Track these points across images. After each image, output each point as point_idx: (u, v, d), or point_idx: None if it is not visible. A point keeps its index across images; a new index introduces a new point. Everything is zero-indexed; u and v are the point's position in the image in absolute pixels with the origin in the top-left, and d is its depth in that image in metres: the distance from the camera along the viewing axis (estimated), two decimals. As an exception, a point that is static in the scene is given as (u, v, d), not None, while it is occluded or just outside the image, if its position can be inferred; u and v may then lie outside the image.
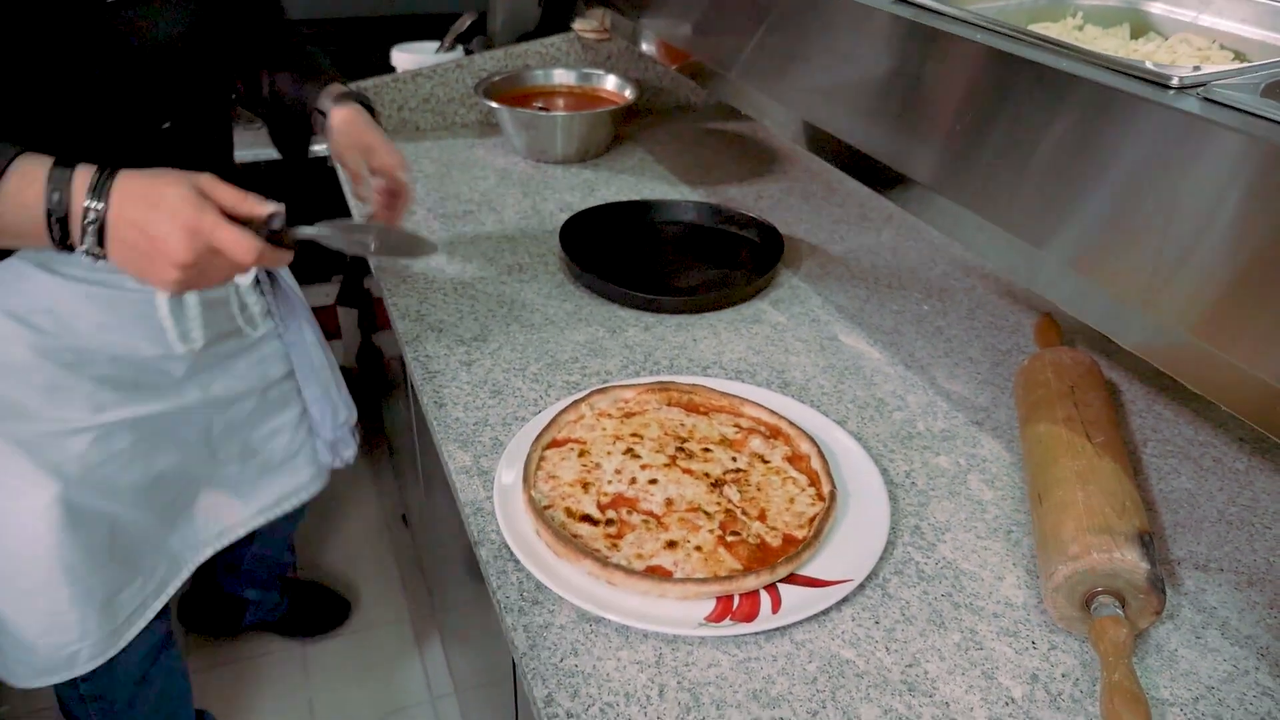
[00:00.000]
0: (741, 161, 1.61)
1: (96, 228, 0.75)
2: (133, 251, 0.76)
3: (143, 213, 0.75)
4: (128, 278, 0.86)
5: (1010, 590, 0.75)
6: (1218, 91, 0.63)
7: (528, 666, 0.68)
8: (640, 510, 0.79)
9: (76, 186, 0.75)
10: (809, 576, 0.74)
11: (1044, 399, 0.87)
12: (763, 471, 0.84)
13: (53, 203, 0.75)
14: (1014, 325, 1.13)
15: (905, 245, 1.32)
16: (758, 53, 1.11)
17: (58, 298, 0.95)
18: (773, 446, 0.87)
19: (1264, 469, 0.90)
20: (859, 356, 1.05)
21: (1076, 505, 0.72)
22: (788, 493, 0.82)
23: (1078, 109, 0.71)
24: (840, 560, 0.76)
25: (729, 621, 0.70)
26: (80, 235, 0.75)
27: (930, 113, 0.84)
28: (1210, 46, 0.88)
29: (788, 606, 0.71)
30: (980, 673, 0.68)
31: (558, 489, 0.81)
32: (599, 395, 0.91)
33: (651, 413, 0.91)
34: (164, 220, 0.75)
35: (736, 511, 0.79)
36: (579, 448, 0.86)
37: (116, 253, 0.76)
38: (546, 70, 1.69)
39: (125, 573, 1.09)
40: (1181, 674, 0.69)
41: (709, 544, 0.76)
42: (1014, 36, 0.78)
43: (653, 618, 0.70)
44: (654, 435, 0.87)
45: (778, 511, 0.80)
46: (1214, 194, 0.61)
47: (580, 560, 0.73)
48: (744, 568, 0.73)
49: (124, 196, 0.75)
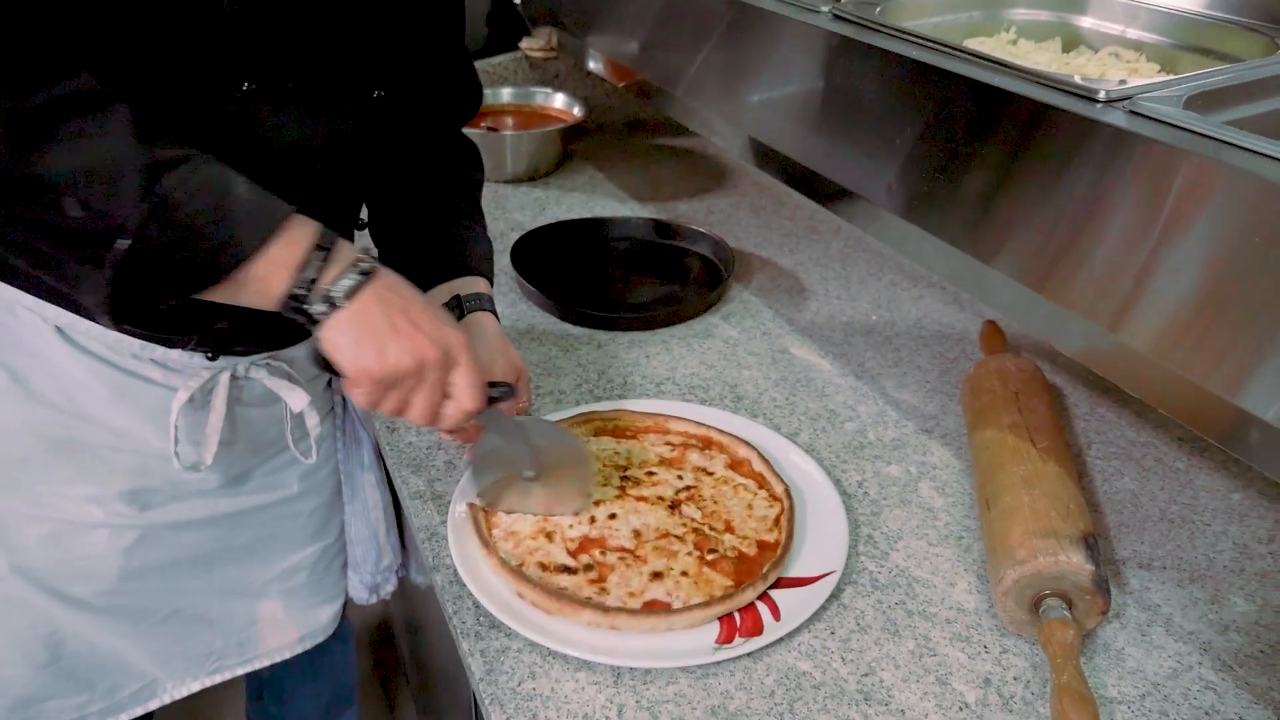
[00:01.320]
0: (691, 177, 1.62)
1: (358, 275, 0.67)
2: (376, 320, 0.68)
3: (413, 293, 0.70)
4: (152, 367, 0.80)
5: (962, 596, 0.76)
6: (1143, 105, 0.65)
7: (485, 691, 0.67)
8: (611, 548, 0.78)
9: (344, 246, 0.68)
10: (795, 577, 0.76)
11: (990, 405, 0.88)
12: (711, 484, 0.84)
13: (323, 239, 0.67)
14: (960, 333, 1.15)
15: (854, 256, 1.34)
16: (703, 70, 1.13)
17: (66, 367, 0.80)
18: (710, 457, 0.88)
19: (1203, 468, 0.93)
20: (810, 368, 1.07)
21: (1023, 510, 0.74)
22: (743, 499, 0.83)
23: (1011, 123, 0.72)
24: (816, 555, 0.78)
25: (740, 639, 0.70)
26: (337, 276, 0.67)
27: (870, 128, 0.86)
28: (1138, 59, 0.91)
29: (787, 611, 0.73)
30: (934, 679, 0.69)
31: (521, 545, 0.78)
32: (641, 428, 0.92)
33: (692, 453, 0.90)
34: (429, 314, 0.70)
35: (704, 529, 0.79)
36: None
37: (358, 314, 0.67)
38: (494, 89, 1.69)
39: (63, 682, 0.90)
40: (1128, 672, 0.70)
41: (692, 567, 0.76)
42: (950, 53, 0.80)
43: (665, 654, 0.69)
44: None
45: (741, 520, 0.80)
46: (1141, 204, 0.63)
47: (579, 613, 0.71)
48: (735, 583, 0.74)
49: (393, 276, 0.70)
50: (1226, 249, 0.58)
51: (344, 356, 0.68)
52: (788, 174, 0.98)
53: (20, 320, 0.78)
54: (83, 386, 0.81)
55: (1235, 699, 0.69)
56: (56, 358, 0.79)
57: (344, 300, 0.67)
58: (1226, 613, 0.76)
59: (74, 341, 0.79)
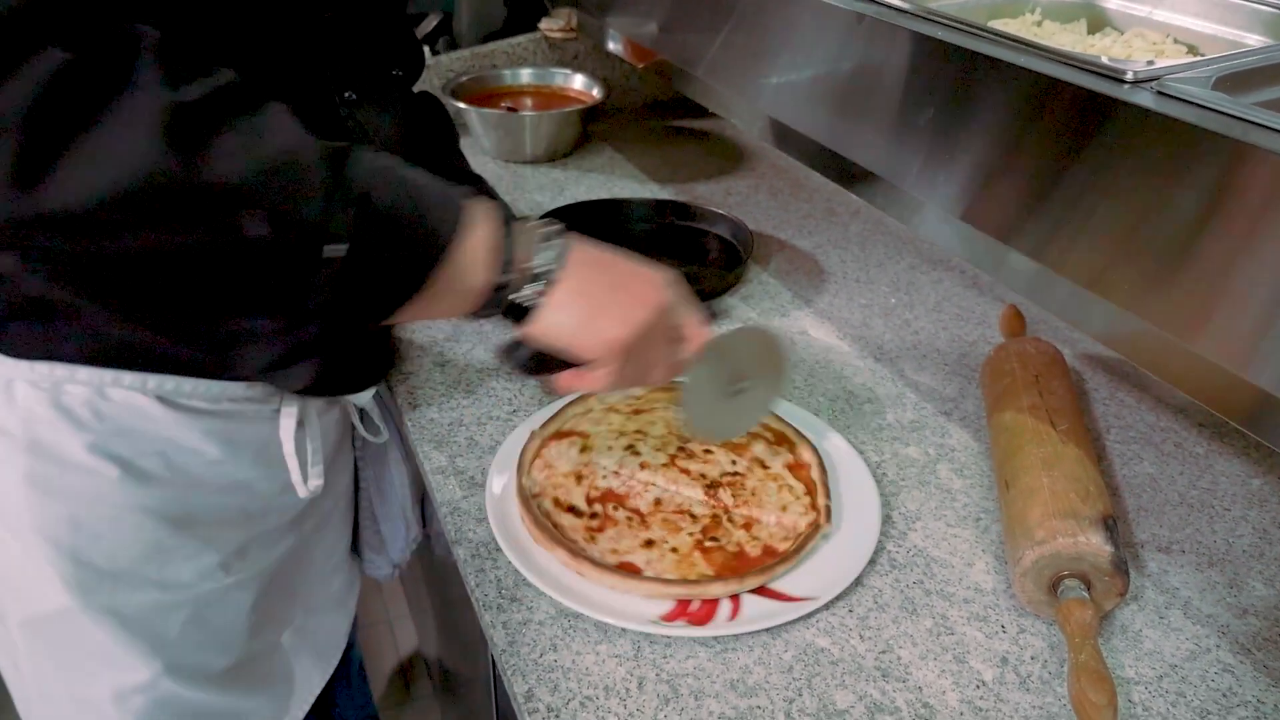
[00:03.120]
0: (710, 159, 1.62)
1: (555, 242, 0.61)
2: (596, 285, 0.62)
3: (614, 257, 0.64)
4: (250, 408, 0.76)
5: (980, 576, 0.77)
6: (1171, 85, 0.65)
7: (507, 663, 0.68)
8: (627, 507, 0.80)
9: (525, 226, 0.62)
10: (776, 590, 0.74)
11: (1010, 388, 0.88)
12: (760, 477, 0.84)
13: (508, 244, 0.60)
14: (980, 317, 1.15)
15: (872, 239, 1.34)
16: (724, 51, 1.12)
17: (172, 435, 0.74)
18: (775, 453, 0.86)
19: (1223, 453, 0.92)
20: (829, 350, 1.07)
21: (1042, 491, 0.74)
22: (781, 500, 0.81)
23: (1036, 104, 0.72)
24: (814, 577, 0.75)
25: (681, 623, 0.70)
26: (534, 249, 0.60)
27: (893, 108, 0.85)
28: (1164, 41, 0.90)
29: (746, 616, 0.71)
30: (952, 657, 0.70)
31: (552, 478, 0.82)
32: None
33: (660, 411, 0.91)
34: (624, 257, 0.64)
35: (723, 517, 0.80)
36: (581, 441, 0.86)
37: (577, 284, 0.61)
38: (514, 70, 1.69)
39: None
40: (1146, 653, 0.71)
41: (686, 546, 0.76)
42: (974, 33, 0.79)
43: (614, 610, 0.71)
44: (659, 434, 0.88)
45: (767, 519, 0.80)
46: (1168, 185, 0.63)
47: (554, 549, 0.74)
48: (714, 574, 0.74)
49: (588, 243, 0.64)
50: (1252, 230, 0.58)
51: (581, 337, 0.60)
52: (808, 155, 0.97)
53: (117, 402, 0.71)
54: (193, 452, 0.75)
55: (1254, 682, 0.69)
56: (162, 430, 0.73)
57: (557, 273, 0.60)
58: (1245, 597, 0.76)
59: (179, 405, 0.73)
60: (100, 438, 0.71)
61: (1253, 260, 0.58)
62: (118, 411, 0.71)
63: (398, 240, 0.54)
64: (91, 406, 0.70)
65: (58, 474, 0.71)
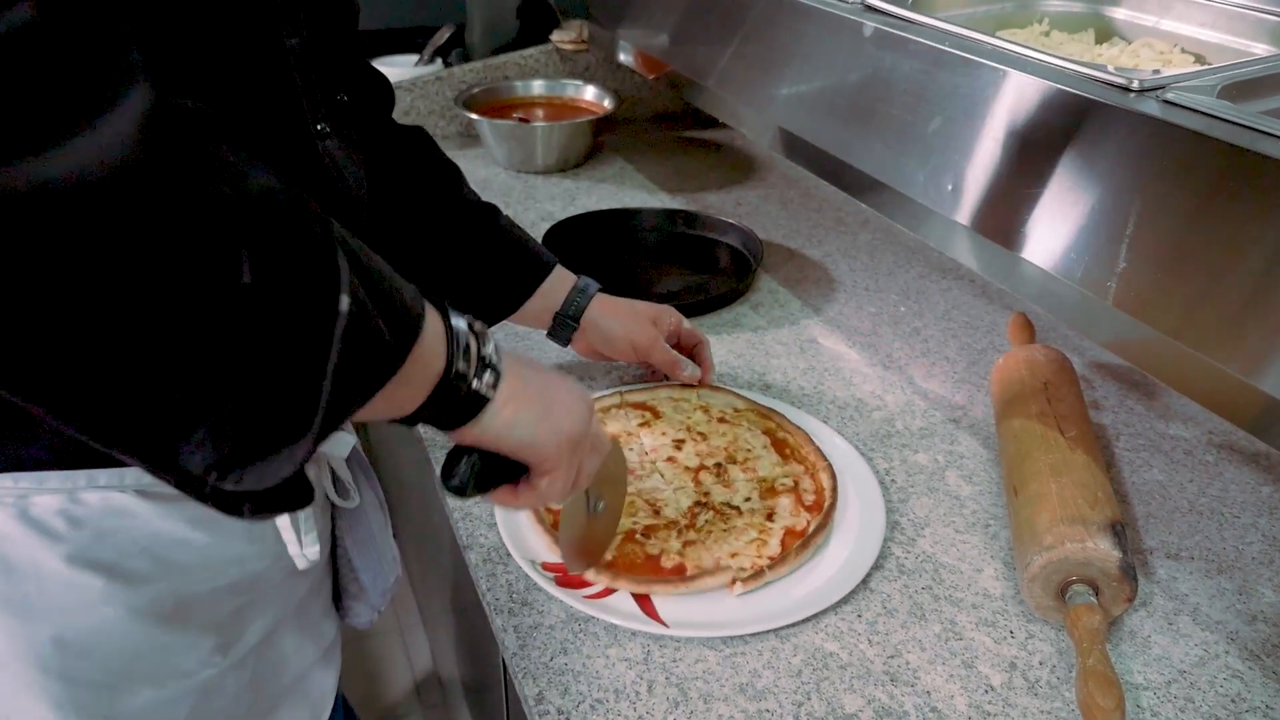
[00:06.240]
0: (720, 169, 1.63)
1: (484, 329, 0.57)
2: (534, 380, 0.59)
3: (535, 369, 0.61)
4: None
5: (988, 582, 0.77)
6: (1177, 94, 0.66)
7: (518, 666, 0.69)
8: None
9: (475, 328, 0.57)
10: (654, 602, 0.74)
11: (1018, 395, 0.89)
12: (746, 513, 0.82)
13: (460, 330, 0.55)
14: (989, 325, 1.15)
15: (881, 248, 1.34)
16: (734, 62, 1.14)
17: (157, 529, 0.67)
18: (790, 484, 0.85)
19: (1233, 460, 0.92)
20: (838, 358, 1.07)
21: (1050, 497, 0.74)
22: (748, 536, 0.79)
23: (1044, 113, 0.73)
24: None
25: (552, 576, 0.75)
26: (476, 334, 0.56)
27: (901, 119, 0.86)
28: (1171, 50, 0.91)
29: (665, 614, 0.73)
30: (960, 662, 0.70)
31: None
32: (713, 391, 0.96)
33: (743, 429, 0.92)
34: (553, 374, 0.63)
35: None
36: (649, 415, 0.93)
37: (519, 378, 0.58)
38: (525, 82, 1.70)
39: None
40: (1154, 659, 0.71)
41: None
42: (981, 43, 0.80)
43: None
44: (721, 444, 0.89)
45: (716, 545, 0.78)
46: (1174, 193, 0.63)
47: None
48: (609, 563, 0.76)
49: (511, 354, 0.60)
50: (1259, 239, 0.59)
51: (538, 434, 0.57)
52: (818, 165, 0.98)
53: (93, 506, 0.64)
54: (181, 542, 0.68)
55: (1262, 688, 0.69)
56: (146, 526, 0.67)
57: (500, 364, 0.56)
58: (1254, 603, 0.76)
59: (161, 496, 0.66)
60: (78, 547, 0.64)
61: (1260, 267, 0.58)
62: (95, 515, 0.64)
63: (386, 306, 0.50)
64: (65, 514, 0.63)
65: (36, 593, 0.64)
